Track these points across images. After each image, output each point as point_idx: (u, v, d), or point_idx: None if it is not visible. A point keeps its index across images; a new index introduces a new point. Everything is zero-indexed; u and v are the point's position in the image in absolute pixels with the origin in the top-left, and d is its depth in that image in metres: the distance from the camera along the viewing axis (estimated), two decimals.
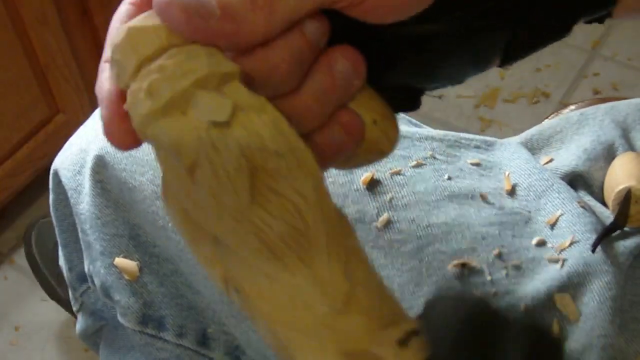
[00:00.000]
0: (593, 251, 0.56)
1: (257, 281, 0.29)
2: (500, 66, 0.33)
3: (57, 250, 1.10)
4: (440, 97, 0.42)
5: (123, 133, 0.31)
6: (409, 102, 0.34)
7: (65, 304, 1.13)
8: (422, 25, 0.30)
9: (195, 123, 0.28)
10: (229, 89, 0.29)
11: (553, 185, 0.61)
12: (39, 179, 1.24)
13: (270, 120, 0.29)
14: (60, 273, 1.06)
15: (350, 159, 0.34)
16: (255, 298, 0.29)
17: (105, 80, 0.31)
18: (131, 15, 0.31)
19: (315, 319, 0.29)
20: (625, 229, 0.60)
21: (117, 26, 0.32)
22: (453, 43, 0.31)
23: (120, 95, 0.30)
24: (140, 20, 0.29)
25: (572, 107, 0.83)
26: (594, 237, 0.57)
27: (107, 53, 0.31)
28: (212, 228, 0.29)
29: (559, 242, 0.58)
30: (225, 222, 0.28)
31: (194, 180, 0.28)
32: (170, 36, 0.28)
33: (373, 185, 0.58)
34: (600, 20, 0.33)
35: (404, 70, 0.32)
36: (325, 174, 0.60)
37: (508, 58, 0.32)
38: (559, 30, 0.32)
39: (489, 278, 0.56)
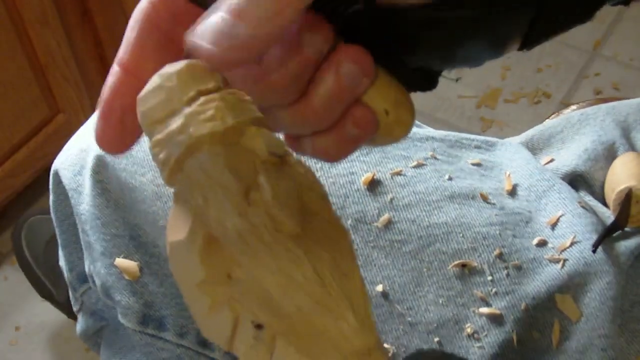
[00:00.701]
0: (594, 251, 0.56)
1: (286, 315, 0.29)
2: (520, 49, 0.33)
3: (49, 249, 1.10)
4: (457, 80, 0.42)
5: (117, 136, 0.32)
6: (426, 83, 0.34)
7: (58, 302, 1.13)
8: (447, 9, 0.29)
9: (251, 153, 0.29)
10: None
11: (554, 185, 0.61)
12: (39, 179, 1.24)
13: (309, 169, 0.31)
14: (54, 272, 1.06)
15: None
16: (281, 334, 0.29)
17: (110, 84, 0.32)
18: (149, 17, 0.32)
19: (345, 355, 0.29)
20: (626, 229, 0.60)
21: (133, 25, 0.32)
22: (477, 26, 0.31)
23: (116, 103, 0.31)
24: (195, 61, 0.30)
25: (573, 107, 0.83)
26: (594, 237, 0.57)
27: (119, 53, 0.32)
28: (260, 252, 0.29)
29: (560, 242, 0.58)
30: (279, 244, 0.29)
31: (251, 201, 0.29)
32: (225, 81, 0.30)
33: (374, 185, 0.58)
34: (626, 3, 0.33)
35: (423, 54, 0.32)
36: (325, 174, 0.60)
37: (530, 40, 0.32)
38: (583, 13, 0.31)
39: (489, 278, 0.56)
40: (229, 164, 0.29)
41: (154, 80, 0.30)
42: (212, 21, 0.28)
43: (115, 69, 0.32)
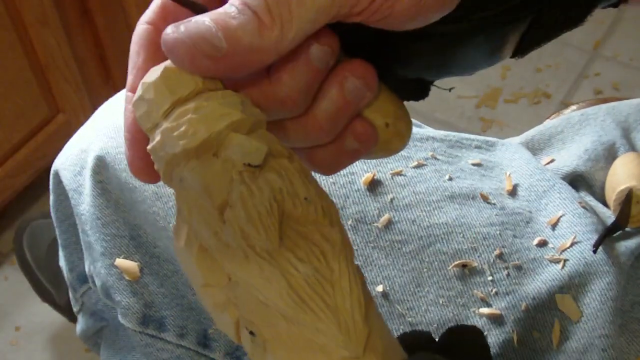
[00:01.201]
0: (594, 251, 0.56)
1: (274, 324, 0.29)
2: (512, 57, 0.33)
3: (51, 253, 1.10)
4: (450, 89, 0.42)
5: (142, 169, 0.32)
6: (419, 92, 0.34)
7: (60, 307, 1.13)
8: (441, 25, 0.30)
9: (228, 164, 0.28)
10: (259, 135, 0.29)
11: (554, 185, 0.61)
12: (39, 179, 1.24)
13: (298, 168, 0.30)
14: (56, 275, 1.06)
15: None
16: (271, 341, 0.29)
17: (129, 114, 0.32)
18: (150, 38, 0.31)
19: None
20: (627, 229, 0.60)
21: (137, 50, 0.32)
22: (470, 40, 0.31)
23: (139, 132, 0.31)
24: (170, 66, 0.30)
25: (573, 107, 0.83)
26: (595, 237, 0.57)
27: (129, 80, 0.32)
28: (235, 268, 0.29)
29: (560, 242, 0.57)
30: (252, 263, 0.28)
31: (224, 219, 0.28)
32: (205, 80, 0.29)
33: (374, 185, 0.58)
34: (615, 5, 0.33)
35: (417, 66, 0.32)
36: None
37: (522, 49, 0.32)
38: (575, 19, 0.31)
39: (490, 278, 0.56)
40: (204, 180, 0.28)
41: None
42: (199, 24, 0.28)
43: (129, 96, 0.32)
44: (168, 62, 0.30)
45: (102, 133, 0.62)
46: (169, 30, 0.28)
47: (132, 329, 0.61)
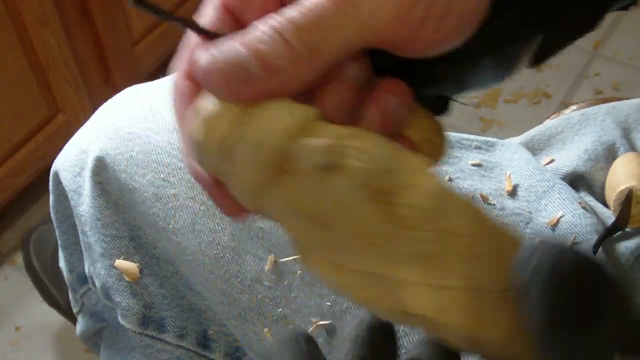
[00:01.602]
0: (594, 252, 0.56)
1: (422, 299, 0.28)
2: (529, 67, 0.33)
3: (54, 257, 1.10)
4: (467, 104, 0.43)
5: (230, 209, 0.32)
6: (441, 108, 0.34)
7: (65, 311, 1.13)
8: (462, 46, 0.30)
9: (302, 177, 0.28)
10: (316, 130, 0.28)
11: (554, 186, 0.61)
12: (39, 180, 1.24)
13: (371, 142, 0.29)
14: (59, 278, 1.06)
15: None
16: (432, 317, 0.28)
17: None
18: (192, 94, 0.31)
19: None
20: (627, 229, 0.60)
21: (180, 108, 0.32)
22: (490, 56, 0.31)
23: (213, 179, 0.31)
24: (209, 103, 0.29)
25: (573, 107, 0.83)
26: (595, 238, 0.57)
27: (178, 123, 0.32)
28: (361, 265, 0.29)
29: None
30: (374, 253, 0.28)
31: (329, 228, 0.28)
32: (240, 104, 0.28)
33: None
34: (626, 7, 0.34)
35: (440, 84, 0.33)
36: None
37: (538, 58, 0.32)
38: (588, 25, 0.32)
39: None
40: (292, 201, 0.29)
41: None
42: (232, 49, 0.28)
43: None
44: (202, 108, 0.29)
45: (101, 134, 0.61)
46: (204, 60, 0.28)
47: (132, 330, 0.61)
